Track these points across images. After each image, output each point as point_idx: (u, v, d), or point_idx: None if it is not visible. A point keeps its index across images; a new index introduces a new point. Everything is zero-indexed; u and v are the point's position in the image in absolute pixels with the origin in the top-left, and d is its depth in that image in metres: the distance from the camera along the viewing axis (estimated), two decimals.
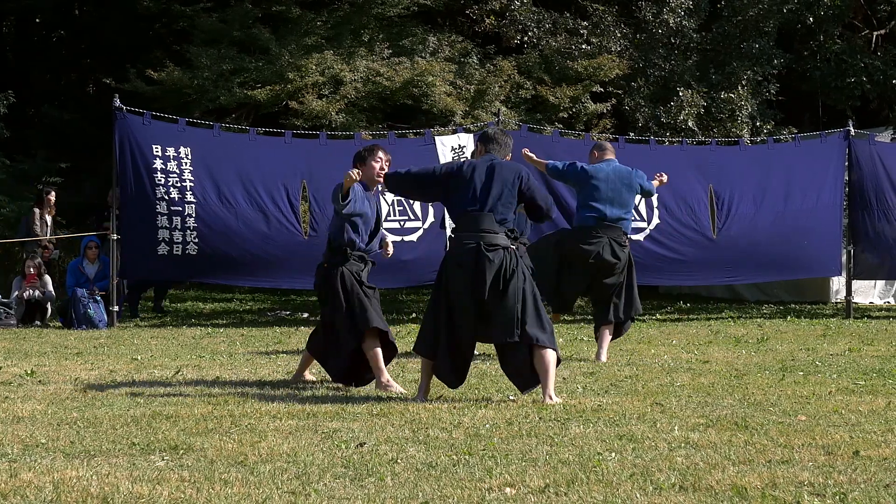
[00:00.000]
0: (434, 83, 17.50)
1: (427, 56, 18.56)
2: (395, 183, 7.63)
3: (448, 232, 7.63)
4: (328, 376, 8.14)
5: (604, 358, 9.56)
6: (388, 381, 7.74)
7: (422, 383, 7.32)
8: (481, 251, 7.05)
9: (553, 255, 9.80)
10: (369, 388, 7.82)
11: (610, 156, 9.94)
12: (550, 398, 7.04)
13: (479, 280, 7.03)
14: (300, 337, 11.69)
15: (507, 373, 7.32)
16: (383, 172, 7.98)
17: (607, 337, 9.75)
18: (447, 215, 8.26)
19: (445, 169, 7.46)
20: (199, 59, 17.77)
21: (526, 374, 7.12)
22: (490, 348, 10.31)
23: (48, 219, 15.99)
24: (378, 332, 7.81)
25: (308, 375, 8.35)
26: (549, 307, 9.65)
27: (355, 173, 7.70)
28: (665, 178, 10.60)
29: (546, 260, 9.70)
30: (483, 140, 7.56)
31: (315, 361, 8.29)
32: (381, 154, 8.10)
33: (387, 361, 7.93)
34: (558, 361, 7.21)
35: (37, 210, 16.04)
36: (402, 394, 7.51)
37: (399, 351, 8.35)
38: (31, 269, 14.54)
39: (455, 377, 7.28)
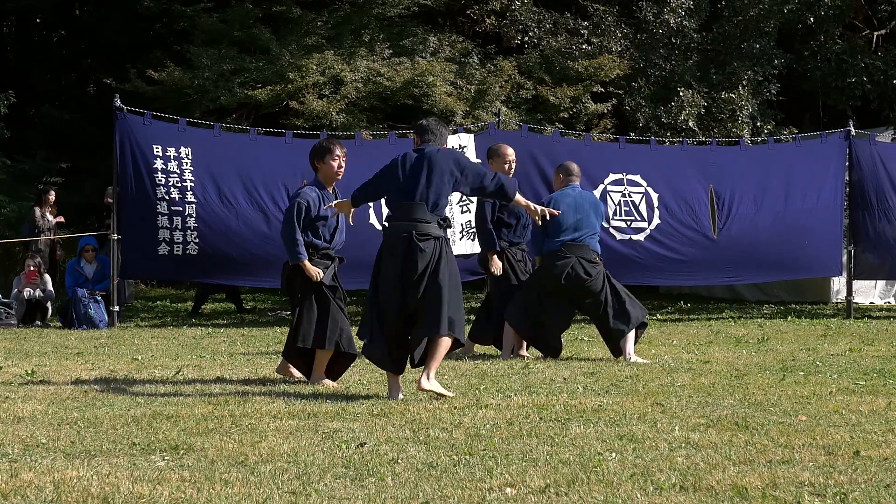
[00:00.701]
0: (434, 83, 17.51)
1: (427, 56, 18.56)
2: (361, 198, 7.72)
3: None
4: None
5: (633, 358, 9.53)
6: (321, 379, 7.99)
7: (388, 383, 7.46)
8: (413, 240, 7.20)
9: (534, 295, 9.79)
10: (370, 389, 7.82)
11: (575, 180, 9.96)
12: (427, 379, 7.14)
13: (410, 268, 7.19)
14: None
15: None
16: (341, 170, 8.20)
17: (630, 339, 9.70)
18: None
19: (386, 166, 7.57)
20: (200, 59, 17.78)
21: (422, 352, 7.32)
22: (490, 349, 10.34)
23: (50, 218, 16.02)
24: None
25: (294, 372, 8.39)
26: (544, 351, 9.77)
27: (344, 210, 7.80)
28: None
29: (532, 301, 9.74)
30: (419, 131, 7.66)
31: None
32: (338, 152, 8.21)
33: (345, 367, 8.20)
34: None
35: (37, 209, 16.06)
36: (334, 388, 7.74)
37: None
38: (31, 268, 14.55)
39: (391, 362, 7.34)
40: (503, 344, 9.93)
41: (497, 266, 10.00)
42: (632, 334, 9.67)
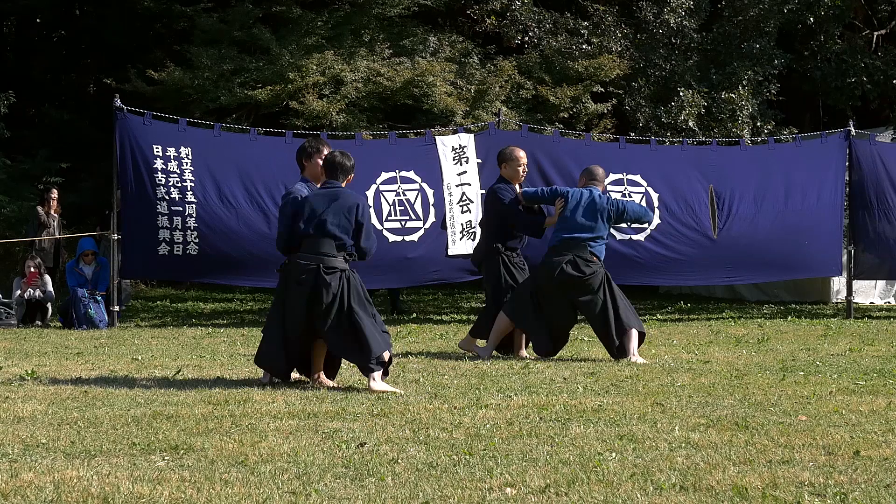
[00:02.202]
0: (434, 83, 17.51)
1: (427, 56, 18.57)
2: (283, 244, 8.21)
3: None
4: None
5: (635, 358, 9.50)
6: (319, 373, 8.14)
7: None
8: (320, 273, 7.72)
9: (529, 294, 9.81)
10: (370, 388, 7.81)
11: (596, 184, 9.96)
12: (374, 380, 7.62)
13: (316, 299, 7.71)
14: None
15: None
16: None
17: (633, 338, 9.67)
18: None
19: (291, 206, 8.05)
20: (200, 59, 17.78)
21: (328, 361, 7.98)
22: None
23: (55, 216, 16.05)
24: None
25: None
26: (542, 349, 9.73)
27: None
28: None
29: (525, 300, 9.77)
30: (327, 168, 8.09)
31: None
32: (326, 151, 8.34)
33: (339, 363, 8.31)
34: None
35: (40, 209, 16.08)
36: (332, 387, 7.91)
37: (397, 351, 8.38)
38: (32, 269, 14.56)
39: (285, 364, 7.90)
40: (489, 338, 9.92)
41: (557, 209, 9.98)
42: (635, 335, 9.64)
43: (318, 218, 7.82)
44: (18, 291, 14.37)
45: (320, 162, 8.25)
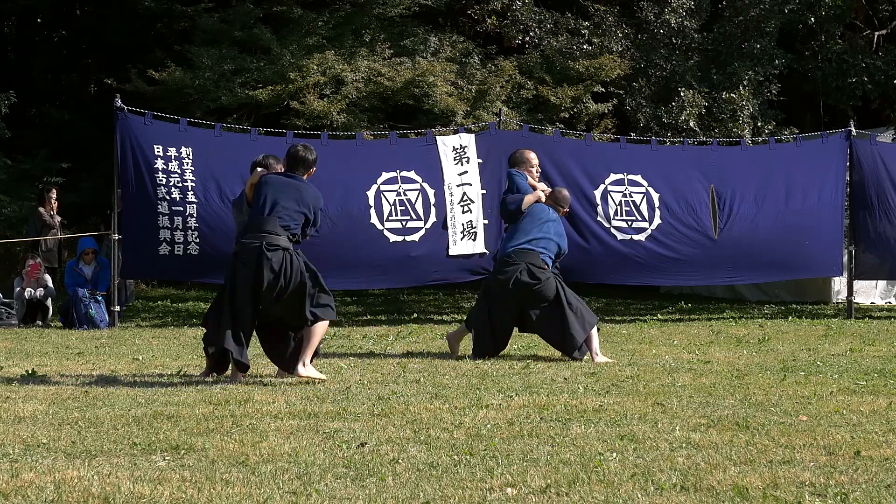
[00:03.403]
0: (435, 83, 17.51)
1: (428, 56, 18.56)
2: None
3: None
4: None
5: (598, 359, 9.52)
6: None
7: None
8: (262, 250, 7.91)
9: (483, 299, 9.98)
10: (370, 389, 7.82)
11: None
12: (304, 365, 7.91)
13: (259, 276, 7.89)
14: None
15: (271, 354, 8.30)
16: None
17: (593, 338, 9.69)
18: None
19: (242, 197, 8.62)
20: (201, 59, 17.78)
21: (293, 354, 8.09)
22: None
23: (57, 216, 16.05)
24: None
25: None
26: (485, 347, 9.72)
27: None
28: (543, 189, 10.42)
29: (480, 304, 9.97)
30: (289, 160, 8.41)
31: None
32: (278, 167, 8.69)
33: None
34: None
35: (43, 209, 16.08)
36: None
37: (399, 352, 8.37)
38: (31, 263, 14.57)
39: (236, 345, 7.94)
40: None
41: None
42: (595, 333, 9.67)
43: (271, 200, 8.11)
44: (19, 289, 14.38)
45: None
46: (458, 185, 14.07)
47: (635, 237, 14.45)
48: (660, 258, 14.57)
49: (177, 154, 13.53)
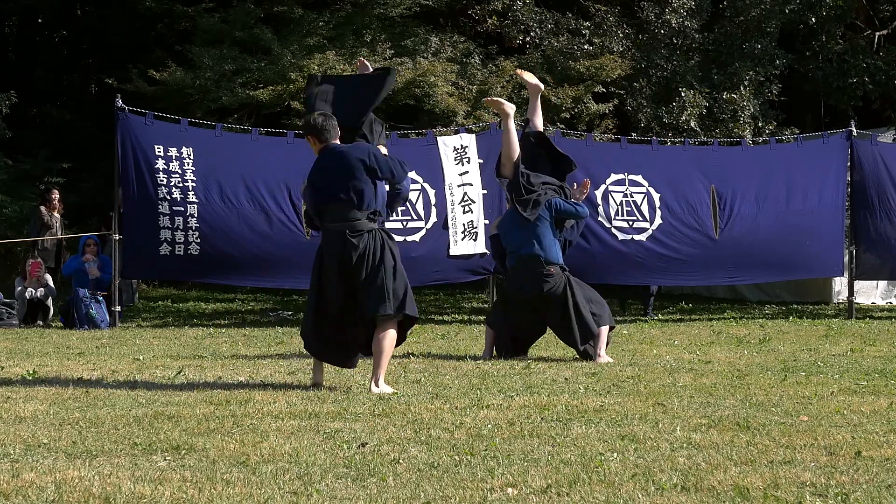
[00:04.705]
0: (436, 83, 17.52)
1: (429, 56, 18.57)
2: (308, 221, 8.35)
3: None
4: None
5: (601, 359, 9.51)
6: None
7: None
8: (347, 238, 7.53)
9: (500, 302, 10.13)
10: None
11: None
12: (376, 385, 7.53)
13: (347, 262, 7.54)
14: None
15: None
16: None
17: (602, 337, 9.69)
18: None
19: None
20: (202, 59, 17.79)
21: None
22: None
23: (57, 216, 16.05)
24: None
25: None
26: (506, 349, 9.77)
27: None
28: (588, 184, 10.57)
29: (498, 308, 10.07)
30: (314, 133, 7.69)
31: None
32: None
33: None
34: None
35: (43, 209, 16.09)
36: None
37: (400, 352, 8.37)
38: (32, 261, 14.58)
39: (324, 349, 7.77)
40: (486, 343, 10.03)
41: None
42: (604, 332, 9.67)
43: (326, 187, 7.61)
44: (19, 289, 14.38)
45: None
46: (458, 186, 14.07)
47: (636, 237, 14.46)
48: (660, 258, 14.59)
49: (177, 154, 13.53)
